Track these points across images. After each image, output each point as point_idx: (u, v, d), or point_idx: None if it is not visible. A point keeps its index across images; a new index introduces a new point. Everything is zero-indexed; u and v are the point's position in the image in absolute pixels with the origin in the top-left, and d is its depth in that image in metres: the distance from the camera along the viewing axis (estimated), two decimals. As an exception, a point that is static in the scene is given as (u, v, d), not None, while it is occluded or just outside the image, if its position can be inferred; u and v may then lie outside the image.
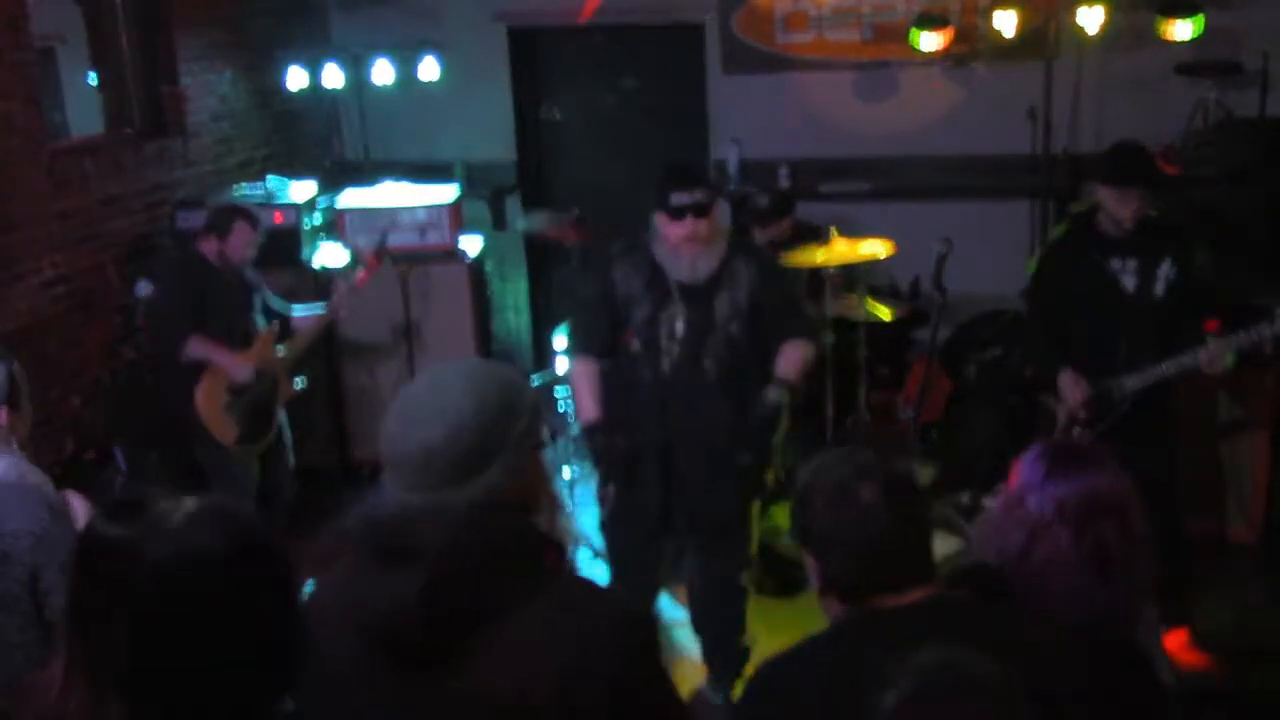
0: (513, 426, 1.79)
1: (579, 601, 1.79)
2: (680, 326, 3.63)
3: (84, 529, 1.79)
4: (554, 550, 1.82)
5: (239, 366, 4.96)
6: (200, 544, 1.48)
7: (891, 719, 1.49)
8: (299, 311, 5.37)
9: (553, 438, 5.50)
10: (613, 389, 3.72)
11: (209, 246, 4.98)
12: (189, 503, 1.55)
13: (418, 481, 1.76)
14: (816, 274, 5.76)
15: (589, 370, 3.75)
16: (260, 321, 5.19)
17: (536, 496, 1.86)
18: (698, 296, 3.61)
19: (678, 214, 3.52)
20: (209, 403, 4.94)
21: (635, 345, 3.69)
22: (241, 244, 4.99)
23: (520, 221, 6.52)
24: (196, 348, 4.89)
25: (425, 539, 1.71)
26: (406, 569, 1.69)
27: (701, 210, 3.53)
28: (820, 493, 1.95)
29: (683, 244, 3.60)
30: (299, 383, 5.30)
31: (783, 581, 4.97)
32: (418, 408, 1.80)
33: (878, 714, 1.49)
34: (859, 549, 1.90)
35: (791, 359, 3.68)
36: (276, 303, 5.34)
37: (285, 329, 5.31)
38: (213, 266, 4.99)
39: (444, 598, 1.68)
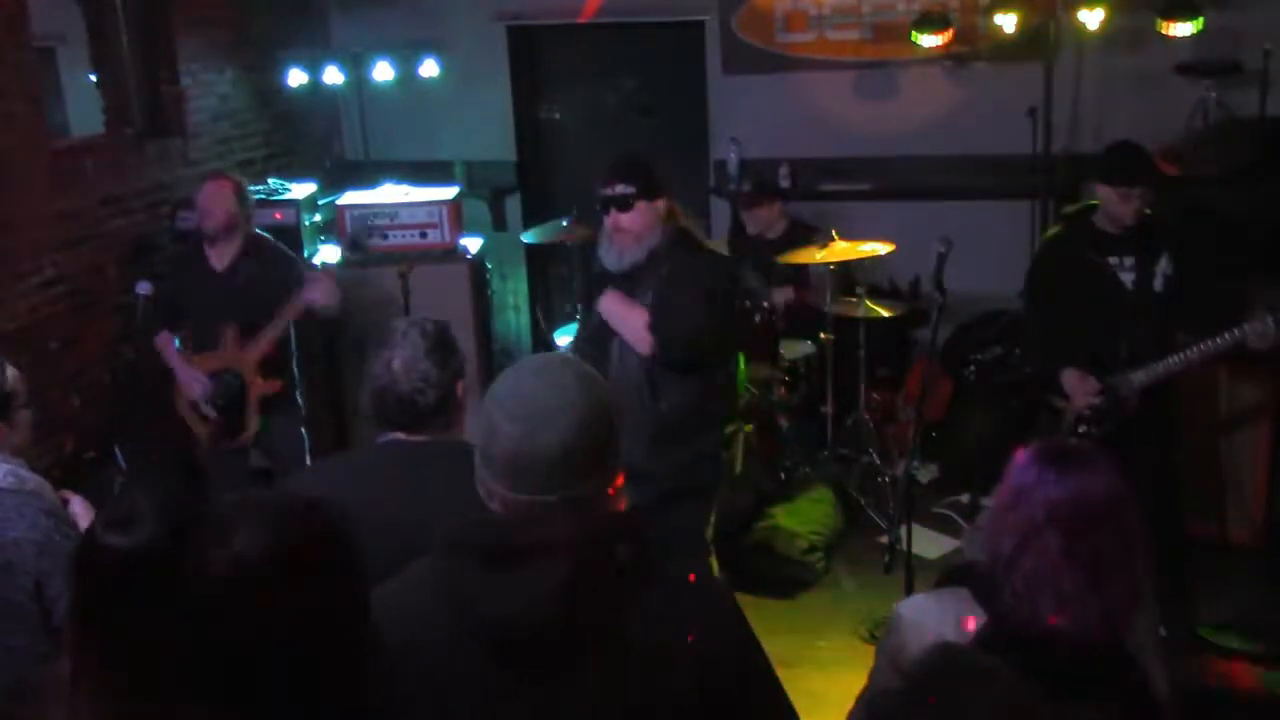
0: (618, 417, 1.77)
1: (686, 592, 1.77)
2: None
3: (84, 537, 1.76)
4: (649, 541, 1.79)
5: (188, 378, 4.94)
6: (249, 544, 1.43)
7: (904, 708, 1.48)
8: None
9: None
10: None
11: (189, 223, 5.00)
12: (231, 502, 1.51)
13: (553, 481, 1.69)
14: (816, 273, 5.79)
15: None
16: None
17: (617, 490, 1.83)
18: (618, 285, 3.75)
19: (602, 206, 3.69)
20: (181, 401, 5.03)
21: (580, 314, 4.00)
22: (205, 204, 4.86)
23: (527, 235, 6.49)
24: (159, 345, 5.01)
25: (552, 535, 1.66)
26: (530, 567, 1.63)
27: (623, 204, 3.65)
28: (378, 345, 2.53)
29: (613, 233, 3.75)
30: (271, 377, 5.01)
31: (781, 581, 4.97)
32: (539, 408, 1.71)
33: (886, 701, 1.48)
34: (373, 386, 2.48)
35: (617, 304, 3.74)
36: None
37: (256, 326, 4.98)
38: (197, 258, 4.94)
39: (582, 594, 1.63)
